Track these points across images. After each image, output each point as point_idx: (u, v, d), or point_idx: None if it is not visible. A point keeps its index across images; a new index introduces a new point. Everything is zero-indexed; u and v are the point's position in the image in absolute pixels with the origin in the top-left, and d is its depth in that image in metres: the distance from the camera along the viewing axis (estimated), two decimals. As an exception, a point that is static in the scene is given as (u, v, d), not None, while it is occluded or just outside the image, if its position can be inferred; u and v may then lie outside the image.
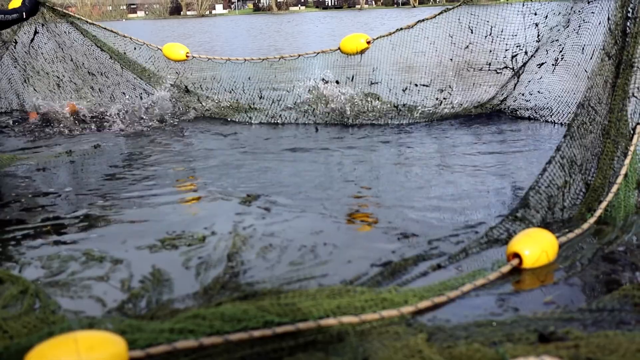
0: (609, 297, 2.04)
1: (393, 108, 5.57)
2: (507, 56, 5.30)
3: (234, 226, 2.98)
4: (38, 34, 5.82)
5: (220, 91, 5.90)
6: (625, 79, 2.84)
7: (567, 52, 4.94)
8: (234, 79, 5.80)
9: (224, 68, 5.79)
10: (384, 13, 56.42)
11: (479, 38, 5.29)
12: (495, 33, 5.22)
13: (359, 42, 5.34)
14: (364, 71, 5.56)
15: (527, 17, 5.07)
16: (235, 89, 5.83)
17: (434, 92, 5.57)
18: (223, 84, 5.87)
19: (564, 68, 5.02)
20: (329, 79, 5.65)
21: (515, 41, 5.23)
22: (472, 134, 4.94)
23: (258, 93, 5.83)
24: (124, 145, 4.88)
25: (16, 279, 2.29)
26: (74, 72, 5.94)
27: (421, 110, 5.54)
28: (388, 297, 2.04)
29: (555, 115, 5.23)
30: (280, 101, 5.81)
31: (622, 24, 2.92)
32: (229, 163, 4.23)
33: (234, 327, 1.78)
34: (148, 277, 2.38)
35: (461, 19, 5.31)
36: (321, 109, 5.61)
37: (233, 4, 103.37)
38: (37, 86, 6.00)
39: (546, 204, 2.70)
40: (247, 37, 25.46)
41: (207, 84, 5.99)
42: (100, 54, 5.83)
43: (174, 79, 5.84)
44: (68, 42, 5.84)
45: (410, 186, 3.57)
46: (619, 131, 2.80)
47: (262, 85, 5.82)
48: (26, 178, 4.01)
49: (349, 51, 5.39)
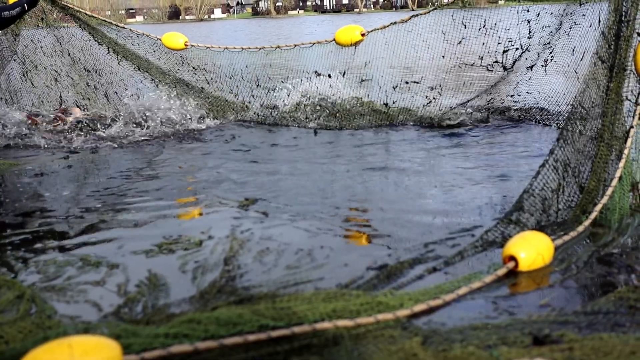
0: (604, 299, 2.04)
1: (383, 106, 5.58)
2: (498, 50, 5.30)
3: (231, 230, 2.98)
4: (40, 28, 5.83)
5: (221, 77, 5.94)
6: (618, 83, 2.85)
7: (557, 54, 4.97)
8: (233, 70, 5.88)
9: (223, 57, 5.86)
10: (383, 16, 56.46)
11: (472, 32, 5.30)
12: (489, 26, 5.24)
13: (353, 34, 5.39)
14: (356, 66, 5.58)
15: (520, 13, 5.09)
16: (234, 77, 5.90)
17: (425, 90, 5.56)
18: (221, 73, 5.93)
19: (554, 69, 5.05)
20: (322, 72, 5.69)
21: (507, 35, 5.24)
22: (464, 136, 4.95)
23: (255, 82, 5.89)
24: (120, 150, 4.88)
25: (12, 284, 2.29)
26: (71, 67, 5.94)
27: (410, 110, 5.54)
28: (383, 300, 2.04)
29: (545, 116, 5.24)
30: (275, 105, 5.84)
31: (616, 28, 2.94)
32: (226, 167, 4.23)
33: (229, 331, 1.79)
34: (144, 281, 2.38)
35: (455, 16, 5.34)
36: (316, 113, 5.63)
37: (232, 9, 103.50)
38: (35, 81, 5.98)
39: (541, 207, 2.71)
40: (246, 40, 25.48)
41: (207, 76, 6.03)
42: (98, 49, 5.85)
43: (172, 74, 5.88)
44: (66, 36, 5.85)
45: (405, 190, 3.58)
46: (613, 134, 2.81)
47: (259, 75, 5.90)
48: (23, 183, 4.01)
49: (343, 42, 5.44)
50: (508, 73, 5.36)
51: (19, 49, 5.86)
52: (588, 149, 2.87)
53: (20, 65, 5.95)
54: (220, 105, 5.94)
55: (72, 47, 5.90)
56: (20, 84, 6.00)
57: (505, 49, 5.26)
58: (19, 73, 5.98)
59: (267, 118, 5.77)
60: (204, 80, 6.00)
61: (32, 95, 5.97)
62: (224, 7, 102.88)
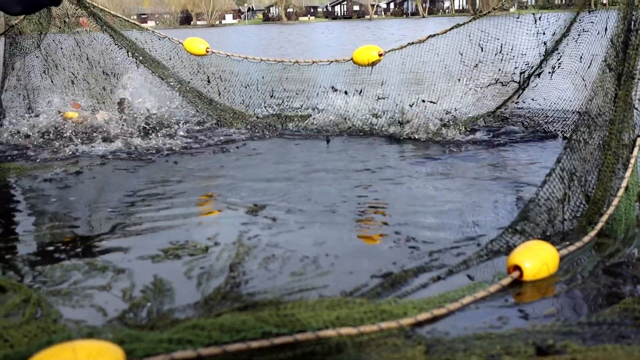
0: (609, 310, 2.03)
1: (397, 125, 5.56)
2: (515, 73, 5.34)
3: (238, 236, 2.99)
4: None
5: (236, 85, 6.01)
6: (626, 91, 2.84)
7: (564, 61, 4.97)
8: (249, 79, 5.95)
9: (241, 65, 5.93)
10: (394, 23, 56.60)
11: (489, 55, 5.33)
12: (506, 51, 5.26)
13: (371, 54, 5.42)
14: (373, 83, 5.60)
15: (538, 36, 5.10)
16: (249, 87, 5.98)
17: (440, 113, 5.53)
18: (237, 82, 6.01)
19: (561, 76, 5.05)
20: (339, 88, 5.74)
21: (524, 59, 5.27)
22: (470, 145, 4.95)
23: (270, 93, 5.98)
24: (128, 156, 4.90)
25: (19, 288, 2.31)
26: (89, 71, 5.98)
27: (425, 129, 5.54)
28: (387, 308, 2.04)
29: (551, 124, 5.24)
30: (288, 115, 5.90)
31: (624, 36, 2.93)
32: (236, 173, 4.25)
33: (232, 338, 1.79)
34: (149, 286, 2.39)
35: (471, 36, 5.34)
36: (330, 121, 5.67)
37: (243, 14, 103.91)
38: (55, 79, 6.03)
39: (546, 217, 2.70)
40: (258, 47, 25.61)
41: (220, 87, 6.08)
42: (117, 52, 5.88)
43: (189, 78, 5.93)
44: (87, 39, 5.89)
45: (412, 199, 3.58)
46: (620, 143, 2.80)
47: (274, 86, 6.00)
48: (31, 187, 4.04)
49: (361, 62, 5.47)
50: (523, 90, 5.37)
51: (42, 46, 5.91)
52: (595, 158, 2.86)
53: (42, 62, 5.99)
54: (230, 116, 5.95)
55: (92, 51, 5.93)
56: (40, 82, 6.05)
57: (522, 71, 5.29)
58: (39, 70, 6.04)
59: (279, 128, 5.77)
60: (216, 92, 6.02)
61: (49, 93, 6.00)
62: (235, 13, 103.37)
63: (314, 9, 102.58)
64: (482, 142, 5.00)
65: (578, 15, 4.75)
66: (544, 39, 5.08)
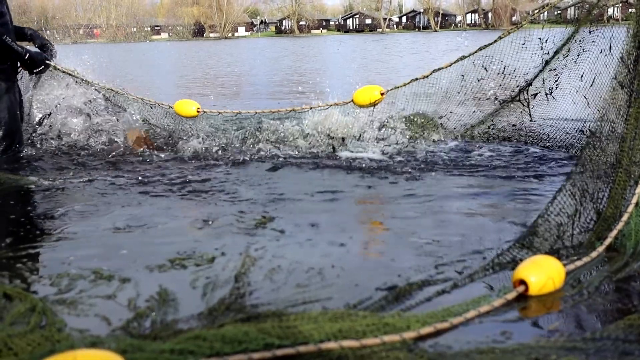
0: (613, 326, 2.02)
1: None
2: (519, 98, 5.42)
3: (245, 247, 3.00)
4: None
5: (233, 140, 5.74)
6: (638, 108, 2.84)
7: (563, 81, 5.03)
8: (245, 133, 5.70)
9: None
10: (407, 37, 56.75)
11: (492, 82, 5.39)
12: (508, 72, 5.31)
13: (372, 93, 5.28)
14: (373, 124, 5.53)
15: (542, 57, 5.16)
16: (246, 140, 5.67)
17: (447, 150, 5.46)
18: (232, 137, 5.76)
19: (561, 96, 5.10)
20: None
21: (525, 78, 5.35)
22: (477, 159, 4.94)
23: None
24: (138, 167, 4.93)
25: (25, 296, 2.32)
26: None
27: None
28: (390, 322, 2.04)
29: (553, 140, 5.27)
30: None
31: (635, 53, 2.93)
32: (244, 186, 4.26)
33: (234, 349, 1.79)
34: (154, 296, 2.40)
35: (475, 62, 5.34)
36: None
37: (255, 27, 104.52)
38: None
39: (555, 232, 2.69)
40: (270, 60, 25.75)
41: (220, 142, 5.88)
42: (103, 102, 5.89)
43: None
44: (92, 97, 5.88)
45: (418, 213, 3.57)
46: (632, 160, 2.79)
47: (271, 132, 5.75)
48: (38, 196, 4.07)
49: (362, 103, 5.31)
50: (530, 110, 5.42)
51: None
52: (606, 175, 2.85)
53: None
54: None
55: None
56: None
57: (521, 88, 5.37)
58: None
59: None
60: (217, 146, 5.78)
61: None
62: (247, 26, 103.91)
63: (326, 22, 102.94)
64: (488, 158, 4.99)
65: (578, 32, 4.79)
66: (546, 58, 5.15)
